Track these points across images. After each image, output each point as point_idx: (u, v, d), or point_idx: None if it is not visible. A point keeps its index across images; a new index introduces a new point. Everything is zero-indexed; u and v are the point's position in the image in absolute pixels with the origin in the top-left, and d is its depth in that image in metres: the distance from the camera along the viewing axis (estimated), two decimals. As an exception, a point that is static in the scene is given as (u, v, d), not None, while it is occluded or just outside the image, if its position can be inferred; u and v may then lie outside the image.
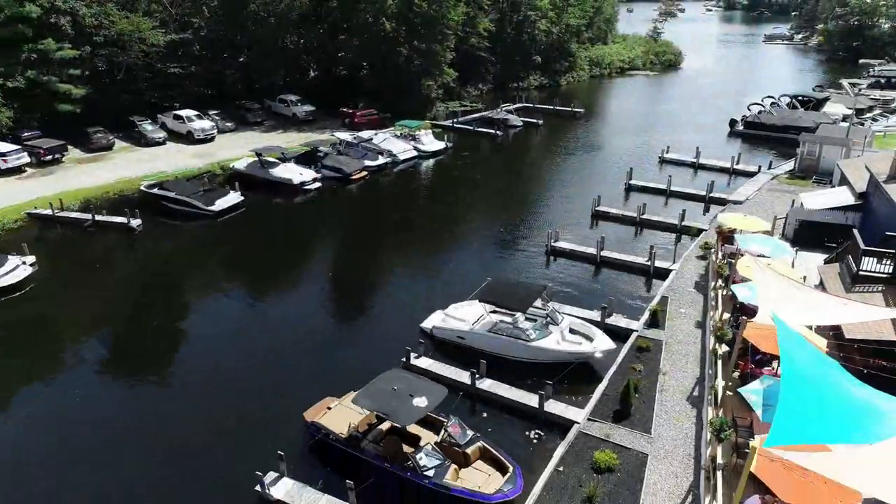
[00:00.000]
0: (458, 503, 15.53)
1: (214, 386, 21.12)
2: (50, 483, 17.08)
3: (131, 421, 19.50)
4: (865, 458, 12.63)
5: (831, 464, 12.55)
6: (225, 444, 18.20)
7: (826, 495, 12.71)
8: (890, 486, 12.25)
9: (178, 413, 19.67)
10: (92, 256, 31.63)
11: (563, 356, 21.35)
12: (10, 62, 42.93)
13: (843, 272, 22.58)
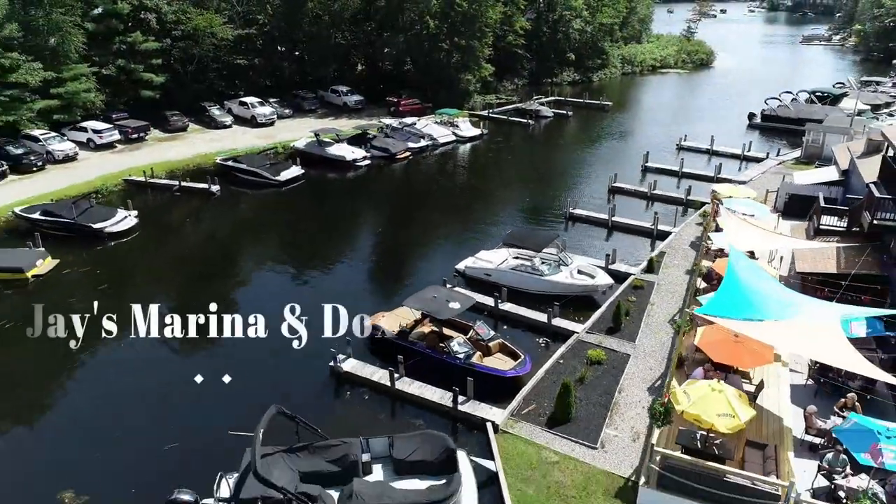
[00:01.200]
0: (481, 377, 20.85)
1: (296, 300, 26.82)
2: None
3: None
4: (778, 329, 17.77)
5: (756, 331, 17.64)
6: (312, 337, 23.44)
7: (749, 354, 17.78)
8: (792, 344, 17.42)
9: (275, 312, 25.22)
10: (180, 213, 38.06)
11: (570, 289, 26.57)
12: (103, 53, 49.96)
13: (808, 228, 27.35)
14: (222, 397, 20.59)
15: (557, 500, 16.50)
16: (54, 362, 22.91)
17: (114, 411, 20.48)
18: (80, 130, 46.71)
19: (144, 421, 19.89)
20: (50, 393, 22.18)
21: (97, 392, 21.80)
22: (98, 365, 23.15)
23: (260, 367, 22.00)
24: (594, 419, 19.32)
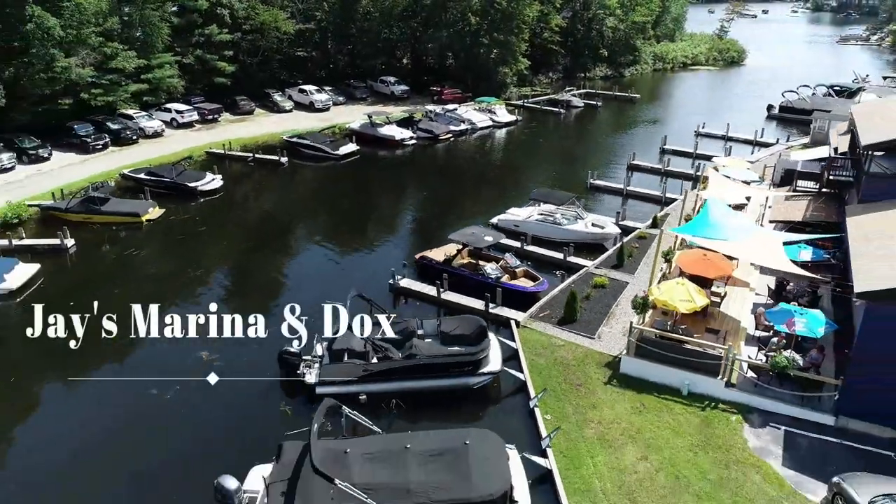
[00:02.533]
0: (508, 293, 26.90)
1: (360, 243, 33.47)
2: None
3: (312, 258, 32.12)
4: (736, 245, 23.58)
5: (718, 246, 23.48)
6: (379, 266, 29.87)
7: (713, 267, 23.61)
8: (746, 254, 23.27)
9: (345, 251, 32.00)
10: (255, 178, 45.10)
11: (584, 237, 32.48)
12: (184, 44, 57.55)
13: (788, 191, 32.75)
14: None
15: (561, 367, 22.52)
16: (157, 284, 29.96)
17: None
18: (165, 111, 54.29)
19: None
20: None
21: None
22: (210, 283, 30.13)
23: (333, 280, 28.55)
24: (594, 321, 25.28)
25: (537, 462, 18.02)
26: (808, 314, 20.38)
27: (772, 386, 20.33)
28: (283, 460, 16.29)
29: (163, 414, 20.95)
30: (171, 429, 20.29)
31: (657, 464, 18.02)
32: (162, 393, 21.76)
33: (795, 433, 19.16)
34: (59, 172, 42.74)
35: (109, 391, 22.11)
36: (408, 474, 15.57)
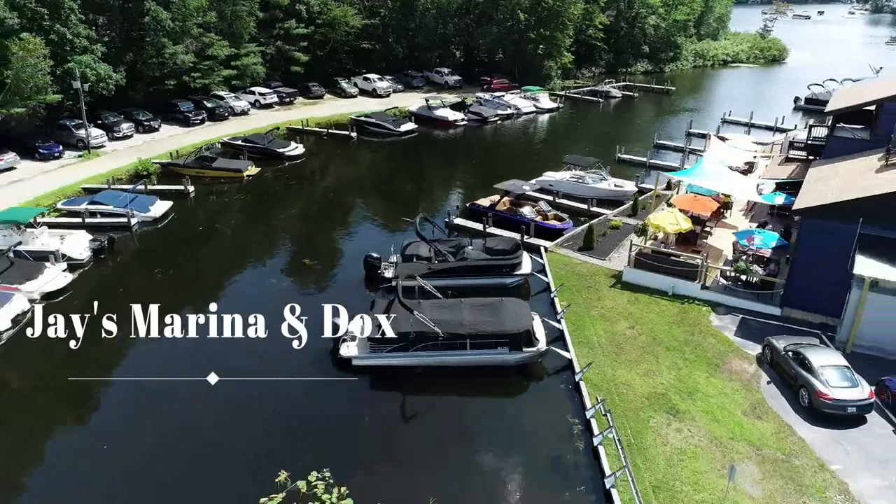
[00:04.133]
0: (540, 230, 34.24)
1: (423, 194, 41.25)
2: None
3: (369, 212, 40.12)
4: (718, 182, 30.52)
5: (705, 183, 30.49)
6: (437, 211, 37.78)
7: (700, 205, 30.59)
8: (727, 189, 30.20)
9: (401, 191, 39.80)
10: (329, 149, 53.56)
11: (606, 194, 39.54)
12: (266, 36, 66.65)
13: (782, 160, 39.20)
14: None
15: (577, 276, 29.77)
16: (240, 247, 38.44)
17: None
18: (250, 93, 63.42)
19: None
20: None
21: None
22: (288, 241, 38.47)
23: (404, 214, 36.42)
24: (607, 249, 32.42)
25: (554, 325, 25.43)
26: (764, 233, 27.32)
27: (737, 288, 27.23)
28: (375, 308, 24.14)
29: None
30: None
31: (641, 331, 25.18)
32: (278, 282, 30.04)
33: (749, 318, 26.01)
34: (167, 141, 51.91)
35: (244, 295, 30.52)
36: (462, 316, 23.28)
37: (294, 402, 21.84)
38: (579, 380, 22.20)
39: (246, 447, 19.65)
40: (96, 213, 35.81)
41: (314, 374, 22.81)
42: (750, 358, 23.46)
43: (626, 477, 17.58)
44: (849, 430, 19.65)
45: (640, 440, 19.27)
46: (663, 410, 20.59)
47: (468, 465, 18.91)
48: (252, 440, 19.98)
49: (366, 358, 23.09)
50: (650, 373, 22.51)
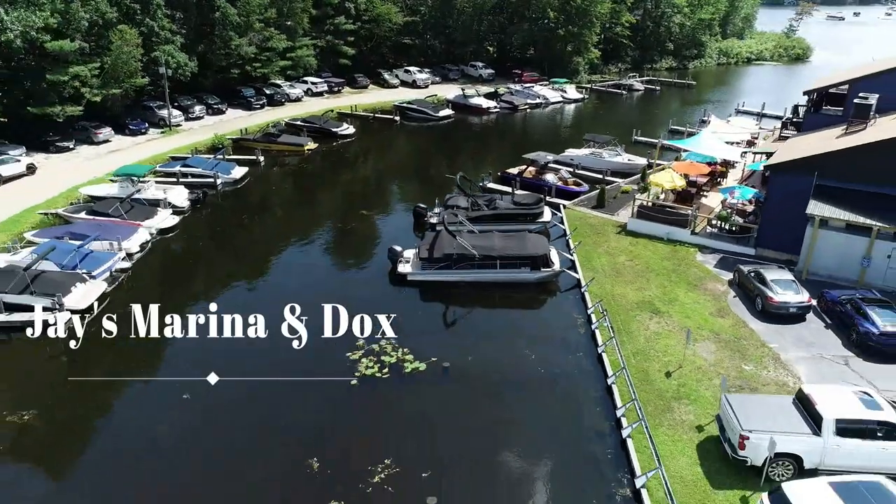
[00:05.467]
0: (561, 192, 40.80)
1: (459, 165, 47.98)
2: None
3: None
4: (706, 148, 36.90)
5: (697, 148, 36.90)
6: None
7: (694, 168, 36.97)
8: (713, 153, 36.61)
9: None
10: (376, 130, 60.78)
11: (620, 167, 45.91)
12: (318, 31, 74.25)
13: (777, 138, 45.19)
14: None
15: (588, 226, 36.25)
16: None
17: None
18: (303, 82, 71.06)
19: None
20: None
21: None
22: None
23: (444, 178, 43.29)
24: (616, 207, 38.84)
25: (567, 256, 32.05)
26: (743, 188, 33.72)
27: (720, 233, 33.53)
28: (425, 239, 31.05)
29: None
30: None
31: (637, 263, 31.62)
32: (344, 226, 37.19)
33: (728, 256, 32.25)
34: (233, 121, 59.61)
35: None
36: (493, 243, 30.08)
37: (368, 302, 28.83)
38: (584, 291, 28.85)
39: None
40: (188, 175, 43.38)
41: (381, 284, 29.93)
42: (723, 281, 29.77)
43: (614, 346, 24.16)
44: (791, 325, 25.89)
45: (626, 327, 25.81)
46: (647, 311, 27.09)
47: (499, 343, 25.60)
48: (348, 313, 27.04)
49: (417, 274, 29.99)
50: (640, 288, 29.00)
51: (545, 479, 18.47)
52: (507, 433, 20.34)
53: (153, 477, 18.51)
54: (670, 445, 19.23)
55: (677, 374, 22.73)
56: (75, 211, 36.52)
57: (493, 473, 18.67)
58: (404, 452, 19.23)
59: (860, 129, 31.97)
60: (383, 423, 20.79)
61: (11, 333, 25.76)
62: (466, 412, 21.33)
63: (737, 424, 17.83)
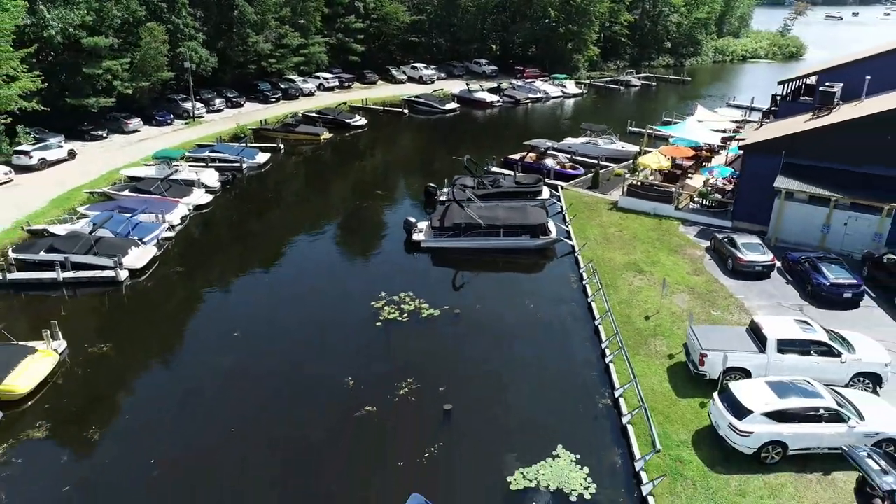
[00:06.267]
0: (558, 174, 44.84)
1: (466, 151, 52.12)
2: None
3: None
4: (689, 133, 41.02)
5: (681, 134, 41.01)
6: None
7: (678, 151, 41.05)
8: (695, 137, 40.72)
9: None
10: (386, 122, 64.90)
11: (614, 153, 49.94)
12: (330, 29, 78.46)
13: (759, 125, 49.24)
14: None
15: (583, 204, 40.31)
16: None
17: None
18: (315, 78, 75.24)
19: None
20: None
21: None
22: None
23: (452, 162, 47.41)
24: (608, 188, 42.88)
25: (563, 228, 36.13)
26: (721, 167, 37.67)
27: (701, 208, 37.57)
28: (436, 212, 35.14)
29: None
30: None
31: (625, 233, 35.67)
32: (361, 202, 41.37)
33: (707, 228, 36.25)
34: (251, 114, 63.73)
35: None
36: (497, 214, 34.17)
37: (387, 265, 33.01)
38: (577, 255, 32.94)
39: (363, 278, 30.77)
40: (216, 160, 47.50)
41: (397, 250, 34.09)
42: (701, 248, 33.80)
43: (602, 297, 28.22)
44: (757, 281, 29.91)
45: (613, 283, 29.87)
46: (632, 270, 31.14)
47: (503, 296, 29.64)
48: (366, 276, 31.12)
49: (430, 241, 34.09)
50: (627, 253, 33.06)
51: (542, 392, 22.49)
52: (510, 361, 24.39)
53: (219, 391, 22.57)
54: (645, 368, 23.27)
55: (655, 318, 26.78)
56: (119, 189, 40.68)
57: (497, 389, 22.70)
58: (423, 374, 23.28)
59: (825, 115, 35.99)
60: (405, 353, 24.81)
61: (77, 290, 29.87)
62: (475, 346, 25.39)
63: (698, 346, 21.89)
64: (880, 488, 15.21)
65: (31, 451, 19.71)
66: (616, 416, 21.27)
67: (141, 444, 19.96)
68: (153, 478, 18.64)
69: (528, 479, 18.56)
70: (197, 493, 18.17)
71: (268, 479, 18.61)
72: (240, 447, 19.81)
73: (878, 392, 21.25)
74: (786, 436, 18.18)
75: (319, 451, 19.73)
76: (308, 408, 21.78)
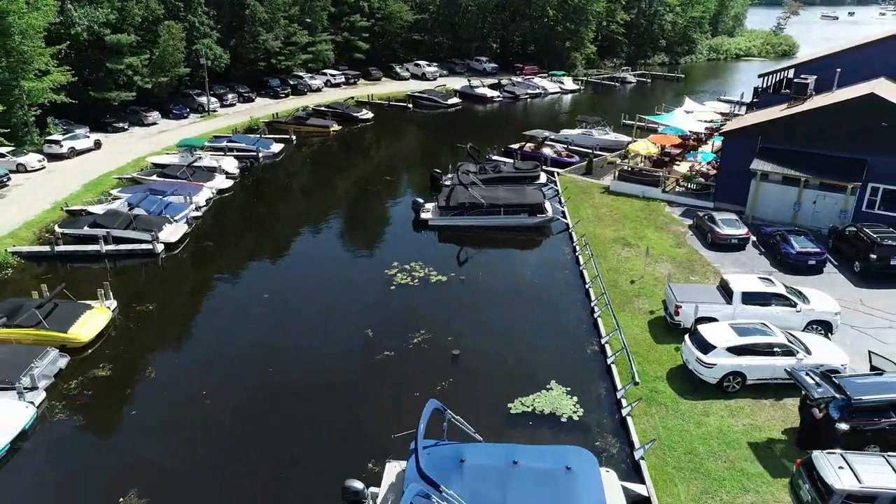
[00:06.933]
0: (555, 162, 48.22)
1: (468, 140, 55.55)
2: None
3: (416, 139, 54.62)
4: (676, 121, 44.46)
5: (668, 122, 44.45)
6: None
7: (666, 139, 44.48)
8: (682, 125, 44.16)
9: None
10: (391, 116, 68.31)
11: (607, 143, 53.33)
12: (336, 27, 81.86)
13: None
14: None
15: (578, 188, 43.69)
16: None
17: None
18: (322, 74, 78.67)
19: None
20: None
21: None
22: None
23: (455, 151, 50.80)
24: (601, 174, 46.27)
25: (559, 208, 39.53)
26: (705, 153, 41.06)
27: (686, 191, 40.96)
28: (442, 193, 38.53)
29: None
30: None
31: (615, 212, 39.04)
32: (371, 187, 44.75)
33: (691, 208, 39.63)
34: (262, 108, 67.18)
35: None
36: (498, 194, 37.60)
37: (398, 240, 36.38)
38: (571, 231, 36.33)
39: (376, 251, 34.16)
40: (233, 149, 50.86)
41: (406, 228, 37.51)
42: (684, 226, 37.18)
43: (592, 265, 31.59)
44: (733, 253, 33.28)
45: (603, 254, 33.25)
46: (621, 244, 34.53)
47: (503, 266, 33.02)
48: (379, 249, 34.50)
49: (437, 219, 37.46)
50: (616, 230, 36.45)
51: (537, 341, 25.84)
52: (509, 317, 27.74)
53: (254, 340, 25.91)
54: (628, 321, 26.63)
55: (639, 282, 30.16)
56: (147, 175, 44.06)
57: (499, 339, 26.05)
58: (433, 327, 26.62)
59: (799, 104, 39.38)
60: (417, 310, 28.15)
61: (118, 261, 33.22)
62: (479, 305, 28.75)
63: (674, 299, 25.27)
64: (812, 396, 18.52)
65: (99, 386, 23.06)
66: (602, 359, 24.64)
67: (191, 380, 23.31)
68: (206, 405, 21.98)
69: (525, 406, 21.91)
70: (243, 414, 21.50)
71: (301, 411, 21.93)
72: (276, 383, 23.17)
73: (830, 337, 24.62)
74: (744, 367, 21.53)
75: (346, 386, 23.08)
76: (334, 353, 25.11)
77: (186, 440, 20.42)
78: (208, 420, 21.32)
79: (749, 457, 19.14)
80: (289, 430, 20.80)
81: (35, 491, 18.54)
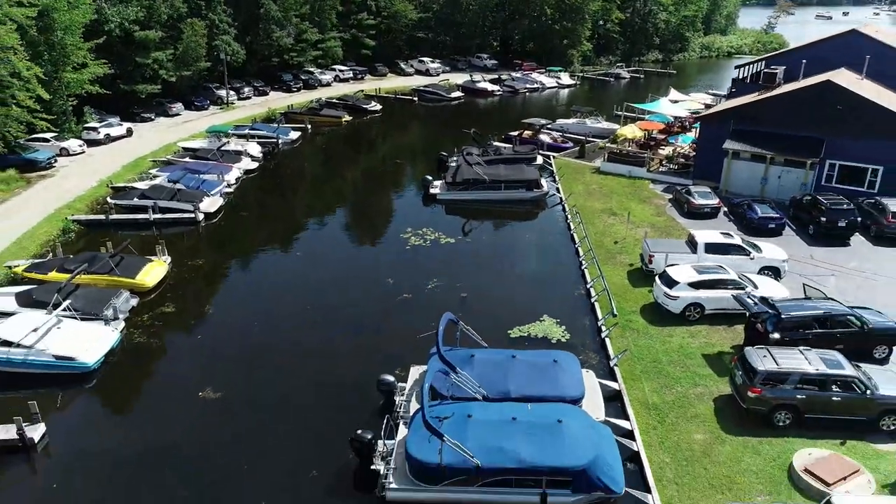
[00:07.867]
0: (552, 147, 53.05)
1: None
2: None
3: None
4: (666, 111, 49.40)
5: (656, 110, 49.39)
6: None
7: (655, 125, 49.40)
8: (669, 113, 49.10)
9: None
10: (397, 108, 73.16)
11: (600, 131, 58.11)
12: (344, 25, 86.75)
13: (724, 106, 57.57)
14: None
15: (571, 169, 48.52)
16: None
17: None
18: (331, 70, 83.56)
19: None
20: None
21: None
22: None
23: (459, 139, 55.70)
24: (592, 157, 51.09)
25: (553, 184, 44.36)
26: (684, 136, 45.97)
27: (668, 169, 45.81)
28: (448, 171, 43.36)
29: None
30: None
31: (604, 188, 43.87)
32: (384, 168, 49.62)
33: (673, 185, 44.44)
34: (277, 101, 72.04)
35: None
36: (499, 171, 42.47)
37: (409, 211, 41.22)
38: (564, 203, 41.19)
39: (392, 219, 39.00)
40: (254, 136, 55.70)
41: (416, 202, 42.37)
42: (665, 199, 42.02)
43: (581, 229, 36.43)
44: (705, 220, 38.11)
45: (591, 221, 38.08)
46: (607, 214, 39.36)
47: (503, 232, 37.84)
48: (394, 218, 39.35)
49: (444, 194, 42.31)
50: (604, 203, 41.28)
51: (533, 287, 30.64)
52: (510, 270, 32.57)
53: (291, 286, 30.73)
54: (610, 272, 31.43)
55: (622, 243, 35.00)
56: (179, 157, 48.89)
57: (500, 284, 30.87)
58: (444, 276, 31.42)
59: (769, 92, 44.25)
60: (429, 264, 32.97)
61: (164, 228, 38.02)
62: (482, 261, 33.59)
63: (648, 250, 30.12)
64: (750, 311, 23.34)
65: (168, 319, 27.90)
66: (586, 299, 29.49)
67: (243, 314, 28.15)
68: (255, 332, 26.79)
69: (522, 332, 26.74)
70: (288, 337, 26.28)
71: (337, 334, 26.73)
72: (314, 318, 27.98)
73: (779, 280, 29.42)
74: (703, 299, 26.35)
75: (374, 318, 27.89)
76: (361, 296, 29.92)
77: (244, 354, 25.24)
78: (261, 343, 26.13)
79: (702, 363, 23.97)
80: (328, 348, 25.62)
81: (128, 391, 23.35)
